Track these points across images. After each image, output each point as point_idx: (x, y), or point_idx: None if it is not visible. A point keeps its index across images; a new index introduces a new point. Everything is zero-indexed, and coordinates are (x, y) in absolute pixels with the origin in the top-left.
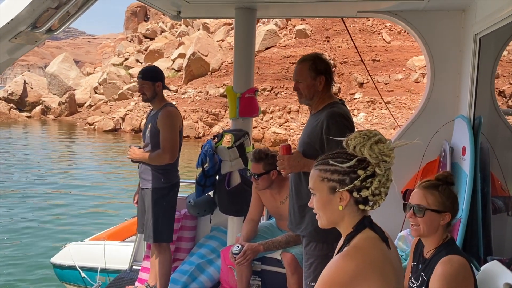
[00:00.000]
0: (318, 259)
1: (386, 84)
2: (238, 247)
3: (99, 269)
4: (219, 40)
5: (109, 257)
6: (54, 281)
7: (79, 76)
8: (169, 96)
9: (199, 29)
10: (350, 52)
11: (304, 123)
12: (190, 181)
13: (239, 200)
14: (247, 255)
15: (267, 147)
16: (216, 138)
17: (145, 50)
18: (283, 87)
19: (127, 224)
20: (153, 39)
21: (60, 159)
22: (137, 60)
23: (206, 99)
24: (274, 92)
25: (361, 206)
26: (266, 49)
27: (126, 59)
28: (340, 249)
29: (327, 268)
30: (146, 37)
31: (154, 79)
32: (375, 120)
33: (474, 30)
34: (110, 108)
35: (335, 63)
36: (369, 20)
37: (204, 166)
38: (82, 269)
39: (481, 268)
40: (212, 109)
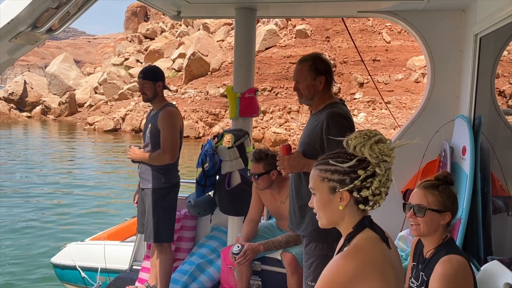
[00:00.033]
0: (318, 259)
1: (386, 84)
2: (238, 247)
3: (99, 269)
4: (219, 40)
5: (109, 257)
6: (55, 281)
7: (79, 76)
8: (169, 96)
9: (199, 29)
10: (350, 52)
11: (304, 123)
12: (191, 181)
13: (239, 200)
14: (247, 255)
15: (267, 147)
16: (216, 138)
17: (145, 50)
18: (283, 87)
19: (127, 224)
20: (153, 39)
21: (61, 159)
22: (137, 60)
23: (206, 99)
24: (274, 92)
25: (361, 206)
26: (266, 49)
27: (126, 59)
28: (340, 249)
29: (327, 268)
30: (146, 37)
31: (155, 79)
32: (375, 120)
33: (474, 30)
34: (110, 108)
35: (335, 63)
36: (369, 20)
37: (204, 166)
38: (82, 269)
39: (481, 268)
40: (212, 109)
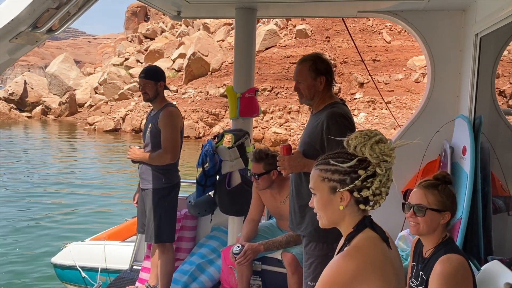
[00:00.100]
0: (318, 259)
1: (387, 84)
2: (239, 247)
3: (100, 269)
4: (219, 40)
5: (110, 257)
6: (55, 281)
7: (80, 76)
8: (170, 96)
9: (199, 29)
10: (351, 52)
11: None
12: (191, 181)
13: (240, 200)
14: (248, 255)
15: (268, 147)
16: (217, 138)
17: (146, 50)
18: (284, 87)
19: (128, 224)
20: (154, 39)
21: (61, 159)
22: (138, 60)
23: (207, 99)
24: (275, 92)
25: (362, 206)
26: (267, 49)
27: (127, 59)
28: (341, 249)
29: (328, 268)
30: (147, 37)
31: (157, 79)
32: (376, 120)
33: (475, 30)
34: (111, 108)
35: (336, 63)
36: (370, 20)
37: (205, 166)
38: (83, 269)
39: (482, 268)
40: (213, 109)
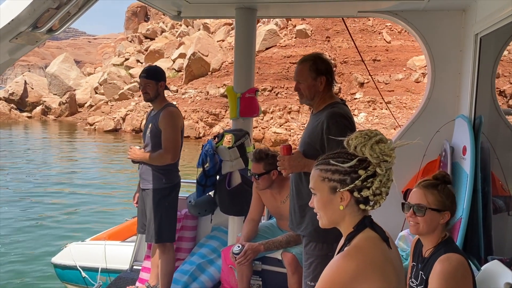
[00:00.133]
0: (318, 259)
1: (387, 84)
2: (239, 247)
3: (100, 269)
4: (220, 40)
5: (110, 257)
6: (55, 281)
7: (80, 76)
8: (170, 96)
9: (200, 29)
10: (351, 52)
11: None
12: (191, 181)
13: (240, 200)
14: (248, 255)
15: (268, 147)
16: (217, 138)
17: (146, 50)
18: (284, 87)
19: (128, 224)
20: (154, 39)
21: (62, 159)
22: (138, 60)
23: (207, 99)
24: (275, 92)
25: (362, 206)
26: (267, 49)
27: (127, 59)
28: (341, 249)
29: (328, 268)
30: (147, 37)
31: (158, 79)
32: (376, 120)
33: (475, 30)
34: (111, 108)
35: (336, 63)
36: (370, 20)
37: (205, 166)
38: (83, 269)
39: (482, 268)
40: (213, 109)
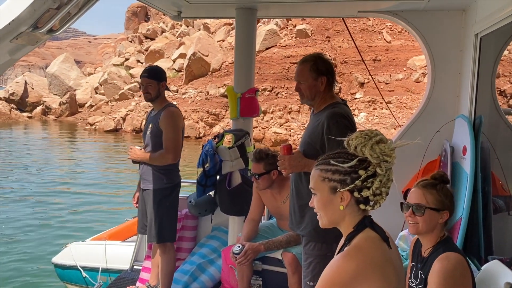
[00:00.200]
0: (317, 259)
1: (387, 84)
2: (239, 247)
3: (100, 269)
4: (220, 40)
5: (110, 257)
6: (56, 281)
7: (80, 77)
8: (170, 96)
9: (200, 29)
10: (351, 52)
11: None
12: (191, 181)
13: (240, 200)
14: (248, 255)
15: (268, 147)
16: (217, 138)
17: (146, 51)
18: (284, 87)
19: (128, 224)
20: (154, 39)
21: (63, 159)
22: (138, 61)
23: (207, 99)
24: (275, 92)
25: (362, 206)
26: (267, 49)
27: (127, 59)
28: (341, 249)
29: (328, 268)
30: (147, 37)
31: (160, 79)
32: (376, 120)
33: (475, 30)
34: (111, 109)
35: (336, 63)
36: (370, 20)
37: (205, 166)
38: (84, 269)
39: (482, 268)
40: (213, 109)
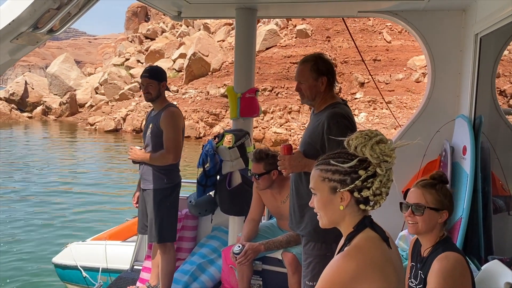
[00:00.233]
0: (316, 259)
1: (387, 84)
2: (239, 247)
3: (101, 269)
4: (220, 40)
5: (111, 257)
6: (56, 281)
7: (80, 77)
8: (170, 96)
9: (200, 29)
10: (351, 52)
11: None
12: (191, 181)
13: (240, 200)
14: (248, 255)
15: (268, 147)
16: (217, 138)
17: (146, 51)
18: (284, 87)
19: (129, 224)
20: (154, 40)
21: (63, 159)
22: (138, 61)
23: (207, 99)
24: (275, 92)
25: (362, 206)
26: (267, 49)
27: (127, 60)
28: (341, 249)
29: (328, 268)
30: (147, 38)
31: (160, 79)
32: (376, 120)
33: (475, 30)
34: (111, 109)
35: (336, 63)
36: (370, 20)
37: (205, 166)
38: (84, 269)
39: (482, 268)
40: (213, 109)
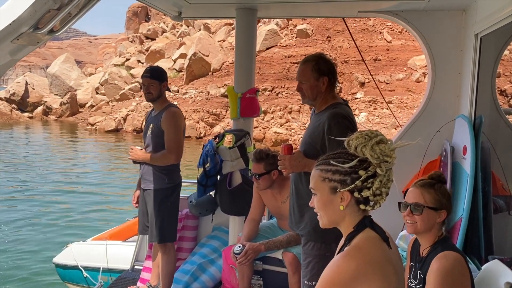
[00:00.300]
0: (316, 259)
1: (388, 84)
2: (240, 247)
3: (101, 269)
4: (220, 40)
5: (111, 257)
6: (57, 281)
7: (81, 77)
8: (170, 97)
9: (200, 29)
10: (351, 52)
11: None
12: (192, 181)
13: (241, 200)
14: (249, 255)
15: (268, 147)
16: (217, 138)
17: (146, 51)
18: (284, 87)
19: (129, 224)
20: (154, 40)
21: (63, 159)
22: (139, 61)
23: (207, 99)
24: (275, 92)
25: (362, 206)
26: (267, 49)
27: (128, 60)
28: (341, 249)
29: (328, 268)
30: (147, 38)
31: (161, 79)
32: (377, 120)
33: (475, 30)
34: (112, 109)
35: (337, 63)
36: (370, 20)
37: (206, 166)
38: (85, 269)
39: (482, 267)
40: (213, 109)
